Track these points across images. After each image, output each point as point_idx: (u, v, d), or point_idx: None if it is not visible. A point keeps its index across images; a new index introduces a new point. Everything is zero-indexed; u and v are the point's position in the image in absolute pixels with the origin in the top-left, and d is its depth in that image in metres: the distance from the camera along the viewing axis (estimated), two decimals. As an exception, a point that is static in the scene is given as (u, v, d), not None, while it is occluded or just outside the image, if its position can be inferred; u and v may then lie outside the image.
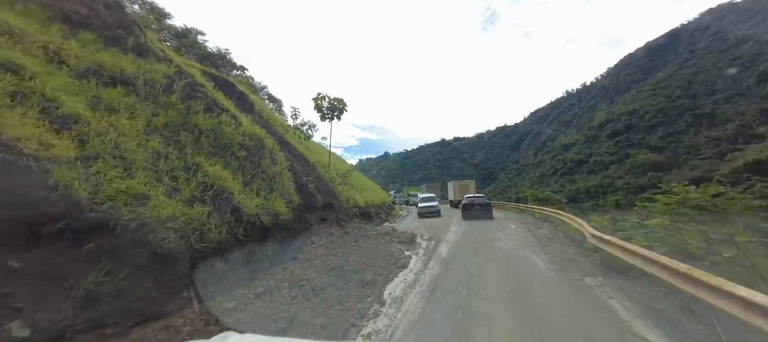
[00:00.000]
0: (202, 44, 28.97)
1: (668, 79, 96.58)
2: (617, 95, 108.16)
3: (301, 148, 13.29)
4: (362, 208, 15.06)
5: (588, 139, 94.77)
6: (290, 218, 8.38)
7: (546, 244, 8.63)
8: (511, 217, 17.51)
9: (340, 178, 15.49)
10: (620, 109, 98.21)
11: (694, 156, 76.66)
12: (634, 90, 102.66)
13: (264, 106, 16.01)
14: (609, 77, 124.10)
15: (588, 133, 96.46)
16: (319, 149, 20.39)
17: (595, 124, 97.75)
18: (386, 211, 20.63)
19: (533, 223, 13.84)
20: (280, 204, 7.93)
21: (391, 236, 10.85)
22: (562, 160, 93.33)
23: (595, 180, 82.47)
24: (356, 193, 15.80)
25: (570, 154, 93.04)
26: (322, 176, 12.85)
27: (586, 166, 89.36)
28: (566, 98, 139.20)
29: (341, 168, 17.50)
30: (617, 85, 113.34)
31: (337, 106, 15.42)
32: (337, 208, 12.24)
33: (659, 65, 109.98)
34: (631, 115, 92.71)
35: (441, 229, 13.62)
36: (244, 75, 34.60)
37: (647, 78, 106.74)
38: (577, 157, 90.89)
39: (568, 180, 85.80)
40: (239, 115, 9.41)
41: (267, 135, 10.08)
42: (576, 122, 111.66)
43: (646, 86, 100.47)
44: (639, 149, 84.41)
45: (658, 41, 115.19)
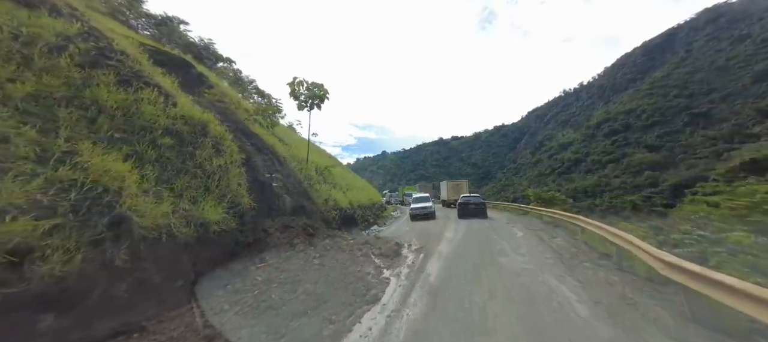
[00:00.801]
0: (183, 33, 26.70)
1: (665, 79, 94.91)
2: (614, 95, 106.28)
3: (271, 139, 11.09)
4: (345, 211, 12.86)
5: (585, 139, 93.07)
6: (234, 228, 6.18)
7: (573, 265, 6.30)
8: (514, 221, 15.28)
9: (320, 176, 13.30)
10: (617, 108, 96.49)
11: (691, 155, 75.18)
12: (631, 89, 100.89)
13: (228, 90, 13.76)
14: (606, 76, 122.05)
15: (585, 133, 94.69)
16: (303, 144, 18.17)
17: (592, 123, 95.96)
18: (376, 213, 18.42)
19: (543, 229, 11.64)
20: (214, 210, 5.73)
21: (371, 247, 8.65)
22: (560, 159, 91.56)
23: (593, 179, 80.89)
24: (339, 193, 13.60)
25: (567, 153, 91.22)
26: (293, 173, 10.65)
27: (584, 165, 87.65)
28: (564, 97, 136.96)
29: (323, 164, 15.27)
30: (614, 84, 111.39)
31: (317, 93, 13.20)
32: (311, 212, 10.05)
33: (656, 65, 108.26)
34: (629, 114, 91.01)
35: (434, 236, 11.43)
36: (230, 67, 32.39)
37: (644, 77, 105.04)
38: (575, 156, 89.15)
39: (566, 179, 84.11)
40: (175, 94, 7.20)
41: (216, 120, 7.88)
42: (573, 121, 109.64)
43: (643, 85, 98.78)
44: (636, 148, 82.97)
45: (655, 41, 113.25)
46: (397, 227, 15.28)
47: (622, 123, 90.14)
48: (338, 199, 12.96)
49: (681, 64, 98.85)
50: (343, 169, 25.02)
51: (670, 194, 64.26)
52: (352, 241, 9.15)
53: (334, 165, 20.27)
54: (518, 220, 15.77)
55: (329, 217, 11.20)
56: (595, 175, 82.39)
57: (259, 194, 8.30)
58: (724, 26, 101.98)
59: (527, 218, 16.21)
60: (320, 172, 13.71)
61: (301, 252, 7.25)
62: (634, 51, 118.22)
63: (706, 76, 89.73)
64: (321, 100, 13.49)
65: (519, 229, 11.89)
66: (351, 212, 13.58)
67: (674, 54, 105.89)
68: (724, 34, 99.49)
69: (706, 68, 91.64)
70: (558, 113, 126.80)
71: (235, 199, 6.73)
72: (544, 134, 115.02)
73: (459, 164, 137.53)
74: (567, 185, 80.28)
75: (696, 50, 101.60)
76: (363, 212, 15.72)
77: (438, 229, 13.52)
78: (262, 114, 10.91)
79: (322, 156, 21.10)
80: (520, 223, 14.15)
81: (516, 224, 13.62)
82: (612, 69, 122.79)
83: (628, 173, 78.58)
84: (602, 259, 6.56)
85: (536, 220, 14.62)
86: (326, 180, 13.83)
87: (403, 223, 17.01)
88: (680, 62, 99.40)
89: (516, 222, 14.60)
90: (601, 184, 79.31)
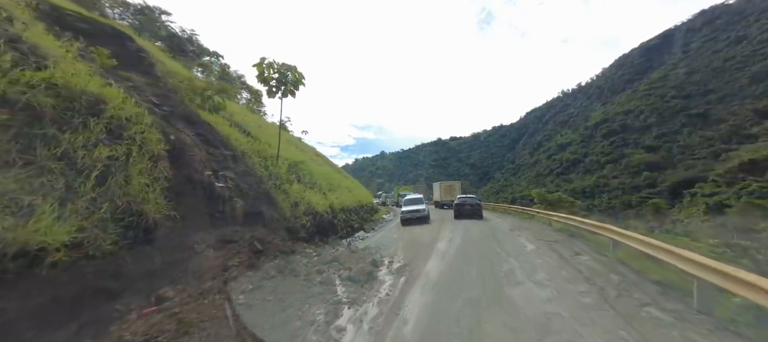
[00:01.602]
0: (163, 23, 24.53)
1: (662, 80, 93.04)
2: (612, 95, 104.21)
3: (228, 130, 8.85)
4: (321, 216, 10.64)
5: (584, 139, 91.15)
6: (111, 251, 3.99)
7: (628, 310, 3.95)
8: (519, 227, 13.00)
9: (294, 175, 11.08)
10: (616, 108, 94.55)
11: (689, 156, 73.44)
12: (629, 90, 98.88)
13: (179, 69, 11.40)
14: (604, 77, 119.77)
15: (584, 133, 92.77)
16: (292, 142, 15.93)
17: (590, 123, 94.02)
18: (364, 217, 16.18)
19: (557, 240, 9.30)
20: (65, 224, 3.53)
21: (340, 267, 6.45)
22: (558, 159, 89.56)
23: (592, 179, 79.10)
24: (316, 195, 11.39)
25: (566, 153, 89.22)
26: (253, 172, 8.43)
27: (582, 166, 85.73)
28: (562, 98, 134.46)
29: (300, 161, 13.00)
30: (612, 85, 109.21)
31: (291, 78, 10.98)
32: (271, 220, 7.83)
33: (654, 66, 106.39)
34: (627, 114, 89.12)
35: (424, 247, 9.23)
36: (218, 62, 30.28)
37: (642, 78, 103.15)
38: (573, 156, 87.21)
39: (564, 179, 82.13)
40: (52, 56, 4.98)
41: (128, 98, 5.66)
42: (572, 122, 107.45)
43: (641, 86, 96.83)
44: (634, 149, 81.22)
45: (653, 42, 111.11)
46: (384, 234, 13.06)
47: (620, 123, 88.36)
48: (314, 202, 10.74)
49: (678, 65, 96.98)
50: (333, 168, 22.77)
51: (668, 195, 62.37)
52: (316, 258, 6.92)
53: (319, 162, 18.11)
54: (523, 225, 13.52)
55: (298, 224, 8.97)
56: (593, 175, 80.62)
57: (191, 198, 6.10)
58: (721, 28, 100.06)
59: (534, 224, 13.96)
60: (293, 170, 11.48)
61: (232, 280, 5.03)
62: (632, 52, 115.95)
63: (703, 77, 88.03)
64: (295, 86, 11.26)
65: (527, 239, 9.64)
66: (330, 217, 11.35)
67: (671, 55, 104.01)
68: (720, 35, 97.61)
69: (703, 69, 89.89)
70: (556, 114, 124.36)
71: (134, 206, 4.53)
72: (543, 135, 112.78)
73: (458, 165, 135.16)
74: (565, 186, 78.34)
75: (693, 51, 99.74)
76: (347, 217, 13.50)
77: (430, 236, 11.31)
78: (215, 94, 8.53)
79: (308, 153, 18.89)
80: (527, 230, 11.91)
81: (522, 232, 11.37)
82: (610, 70, 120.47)
83: (626, 174, 76.93)
84: (667, 297, 4.29)
85: (545, 228, 12.37)
86: (302, 180, 11.61)
87: (393, 228, 14.79)
88: (677, 63, 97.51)
89: (521, 229, 12.35)
90: (600, 185, 77.57)
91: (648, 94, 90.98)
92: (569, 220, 10.22)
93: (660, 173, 73.50)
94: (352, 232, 13.00)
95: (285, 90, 11.33)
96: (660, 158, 77.79)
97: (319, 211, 10.70)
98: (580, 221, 9.26)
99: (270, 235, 6.94)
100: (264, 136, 13.13)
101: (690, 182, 59.55)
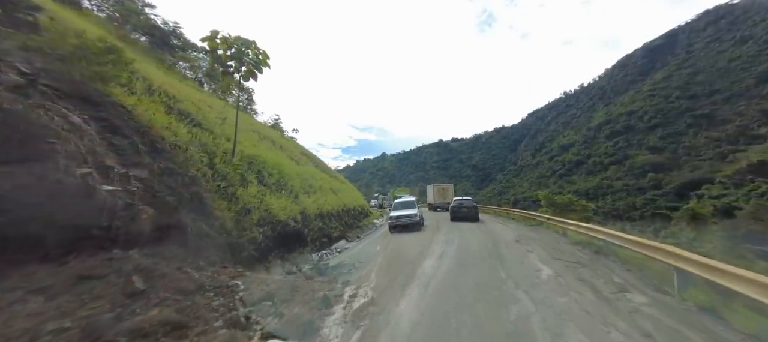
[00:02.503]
0: (146, 15, 22.58)
1: (666, 80, 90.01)
2: (615, 96, 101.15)
3: (158, 115, 6.57)
4: (284, 225, 8.43)
5: (586, 140, 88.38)
6: None
7: None
8: (527, 239, 10.59)
9: (255, 174, 8.88)
10: (619, 109, 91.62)
11: (695, 157, 70.51)
12: (633, 90, 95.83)
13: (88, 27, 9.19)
14: (607, 78, 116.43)
15: (586, 134, 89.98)
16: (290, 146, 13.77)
17: (593, 124, 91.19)
18: (348, 223, 13.93)
19: (583, 261, 6.83)
20: None
21: (267, 312, 4.21)
22: (561, 160, 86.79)
23: (595, 181, 76.37)
24: (281, 199, 9.18)
25: (568, 154, 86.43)
26: (181, 169, 6.24)
27: (585, 167, 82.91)
28: (564, 99, 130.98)
29: (266, 158, 10.72)
30: (615, 85, 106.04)
31: (254, 56, 8.80)
32: (198, 234, 5.63)
33: (657, 66, 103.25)
34: (630, 115, 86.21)
35: (407, 266, 6.98)
36: (206, 58, 28.29)
37: (645, 79, 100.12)
38: (576, 157, 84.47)
39: (567, 181, 79.41)
40: None
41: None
42: (574, 123, 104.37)
43: (644, 87, 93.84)
44: (638, 150, 78.41)
45: (656, 42, 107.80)
46: (367, 245, 10.82)
47: (623, 124, 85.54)
48: (277, 208, 8.53)
49: (682, 66, 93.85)
50: (321, 168, 20.55)
51: (674, 196, 59.55)
52: (242, 294, 4.65)
53: (304, 162, 15.93)
54: (531, 235, 11.15)
55: (245, 240, 6.76)
56: (596, 176, 77.91)
57: (46, 208, 3.94)
58: (725, 28, 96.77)
59: (543, 233, 11.58)
60: (254, 169, 9.28)
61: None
62: (635, 52, 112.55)
63: (708, 78, 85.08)
64: (257, 67, 9.09)
65: (540, 258, 7.31)
66: (297, 226, 9.12)
67: (675, 56, 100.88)
68: (725, 35, 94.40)
69: (708, 69, 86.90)
70: (559, 115, 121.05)
71: None
72: (545, 136, 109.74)
73: (459, 166, 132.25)
74: (568, 187, 75.65)
75: (697, 52, 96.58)
76: (324, 224, 11.27)
77: (418, 249, 9.03)
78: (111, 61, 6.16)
79: (290, 152, 16.71)
80: (537, 242, 9.54)
81: (531, 245, 9.03)
82: (612, 70, 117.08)
83: (630, 175, 74.26)
84: None
85: (559, 239, 9.99)
86: (266, 180, 9.41)
87: (379, 237, 12.54)
88: (681, 63, 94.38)
89: (529, 240, 9.98)
90: (603, 186, 74.83)
91: (651, 95, 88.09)
92: (594, 232, 7.82)
93: (665, 174, 70.72)
94: (329, 243, 10.78)
95: (246, 72, 9.19)
96: (665, 159, 75.12)
97: (282, 220, 8.48)
98: (612, 235, 6.85)
99: (175, 263, 4.72)
100: (230, 130, 10.97)
101: (696, 184, 56.81)
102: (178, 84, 11.92)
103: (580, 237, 8.87)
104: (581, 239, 8.74)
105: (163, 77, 10.57)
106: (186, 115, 8.61)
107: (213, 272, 5.03)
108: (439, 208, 27.12)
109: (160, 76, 10.25)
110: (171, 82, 11.04)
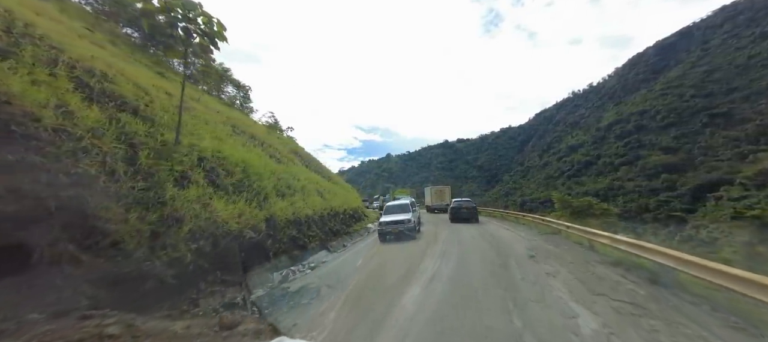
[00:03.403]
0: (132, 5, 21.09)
1: (681, 78, 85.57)
2: (626, 95, 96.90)
3: (36, 91, 4.76)
4: (234, 238, 6.50)
5: (596, 140, 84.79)
6: None
7: None
8: (544, 253, 8.42)
9: (202, 172, 6.98)
10: (630, 109, 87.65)
11: (712, 157, 66.41)
12: (644, 89, 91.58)
13: None
14: (616, 77, 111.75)
15: (596, 134, 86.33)
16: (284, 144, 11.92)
17: (603, 124, 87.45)
18: (334, 230, 11.94)
19: (639, 300, 4.54)
20: None
21: None
22: (569, 161, 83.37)
23: (605, 182, 72.96)
24: (237, 204, 7.27)
25: (577, 155, 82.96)
26: (47, 165, 4.37)
27: (595, 168, 79.40)
28: (572, 99, 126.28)
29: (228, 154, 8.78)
30: (625, 84, 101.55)
31: (207, 27, 6.94)
32: (55, 258, 3.72)
33: (670, 64, 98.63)
34: (642, 115, 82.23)
35: (386, 295, 5.06)
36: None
37: (657, 77, 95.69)
38: (585, 158, 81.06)
39: (576, 182, 76.06)
40: None
41: None
42: (583, 123, 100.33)
43: (657, 85, 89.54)
44: (651, 150, 74.60)
45: (669, 40, 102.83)
46: (345, 259, 8.84)
47: (635, 124, 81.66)
48: (226, 215, 6.62)
49: (697, 63, 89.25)
50: (309, 167, 18.65)
51: (690, 198, 56.12)
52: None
53: (290, 161, 14.04)
54: (548, 248, 8.96)
55: (164, 261, 4.86)
56: (607, 177, 74.48)
57: None
58: (744, 24, 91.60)
59: (562, 244, 9.37)
60: (206, 165, 7.38)
61: None
62: (647, 50, 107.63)
63: (725, 75, 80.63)
64: (212, 40, 7.19)
65: (571, 289, 5.18)
66: (258, 237, 7.20)
67: (689, 53, 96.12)
68: (744, 32, 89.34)
69: (725, 67, 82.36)
70: (567, 115, 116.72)
71: None
72: (553, 136, 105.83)
73: (465, 167, 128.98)
74: (577, 188, 72.31)
75: (713, 49, 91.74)
76: (300, 232, 9.32)
77: (406, 266, 7.01)
78: None
79: (274, 149, 14.85)
80: (557, 259, 7.38)
81: (552, 265, 6.88)
82: (622, 69, 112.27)
83: (642, 176, 70.66)
84: None
85: (585, 253, 7.80)
86: (219, 180, 7.51)
87: (365, 247, 10.53)
88: (696, 61, 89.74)
89: (548, 255, 7.82)
90: (614, 187, 71.31)
91: (664, 94, 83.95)
92: (643, 250, 5.57)
93: (680, 175, 67.01)
94: (304, 255, 8.83)
95: (198, 45, 7.33)
96: (679, 160, 71.34)
97: (232, 230, 6.56)
98: (678, 259, 4.60)
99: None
100: (194, 124, 9.14)
101: (714, 185, 53.17)
102: (133, 70, 10.16)
103: (616, 254, 6.66)
104: (618, 257, 6.53)
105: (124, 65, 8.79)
106: (115, 98, 6.77)
107: (54, 330, 3.08)
108: (437, 209, 27.46)
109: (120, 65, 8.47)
110: (130, 71, 9.28)
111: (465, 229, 13.91)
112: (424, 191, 35.34)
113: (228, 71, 28.16)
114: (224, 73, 27.61)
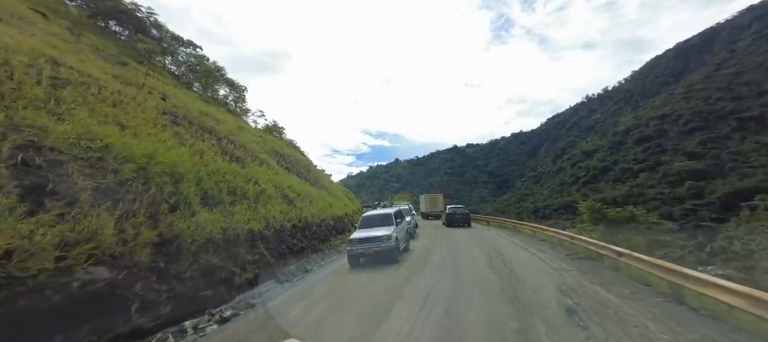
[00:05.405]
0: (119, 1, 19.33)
1: (705, 81, 78.32)
2: (644, 99, 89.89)
3: None
4: (80, 283, 3.58)
5: (612, 145, 78.68)
6: None
7: None
8: (598, 308, 4.84)
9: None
10: (649, 113, 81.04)
11: (744, 163, 59.46)
12: (665, 93, 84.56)
13: None
14: (634, 81, 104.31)
15: (612, 139, 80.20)
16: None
17: (620, 129, 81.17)
18: (303, 246, 8.91)
19: None
20: None
21: None
22: (584, 167, 77.46)
23: (623, 189, 66.82)
24: (92, 219, 4.35)
25: (593, 161, 77.00)
26: None
27: (612, 174, 73.32)
28: (586, 103, 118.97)
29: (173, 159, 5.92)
30: (644, 88, 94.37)
31: None
32: None
33: (691, 67, 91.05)
34: (663, 119, 75.46)
35: None
36: (195, 52, 25.05)
37: (678, 80, 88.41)
38: (601, 163, 75.11)
39: (591, 188, 70.18)
40: None
41: None
42: (598, 128, 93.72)
43: (678, 89, 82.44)
44: (673, 155, 67.94)
45: (690, 42, 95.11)
46: (277, 306, 5.75)
47: (655, 128, 75.03)
48: (49, 243, 3.71)
49: (723, 65, 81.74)
50: (289, 170, 15.78)
51: (719, 207, 49.73)
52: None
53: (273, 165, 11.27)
54: (595, 287, 5.56)
55: None
56: (625, 184, 68.38)
57: None
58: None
59: (612, 278, 5.94)
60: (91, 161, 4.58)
61: None
62: (666, 53, 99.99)
63: (755, 77, 73.17)
64: None
65: None
66: (111, 280, 4.26)
67: (713, 55, 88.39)
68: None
69: (755, 68, 74.81)
70: (581, 119, 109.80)
71: None
72: (566, 141, 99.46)
73: (474, 172, 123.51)
74: (594, 194, 66.47)
75: (741, 50, 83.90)
76: (227, 255, 6.35)
77: (371, 310, 3.85)
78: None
79: (256, 149, 12.12)
80: (628, 324, 4.03)
81: (611, 327, 3.56)
82: (640, 73, 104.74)
83: (664, 183, 64.21)
84: None
85: (676, 310, 4.40)
86: (113, 188, 4.66)
87: (326, 276, 7.41)
88: (722, 63, 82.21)
89: (607, 319, 4.45)
90: (634, 194, 65.06)
91: (687, 97, 77.00)
92: None
93: (707, 182, 60.39)
94: (222, 295, 5.83)
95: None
96: (705, 166, 64.58)
97: (63, 268, 3.66)
98: None
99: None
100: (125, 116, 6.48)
101: (748, 193, 46.77)
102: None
103: (748, 320, 3.25)
104: (752, 323, 3.14)
105: None
106: None
107: None
108: (431, 216, 27.99)
109: None
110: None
111: (465, 244, 10.64)
112: (420, 199, 35.88)
113: (222, 69, 26.11)
114: (217, 71, 25.56)
